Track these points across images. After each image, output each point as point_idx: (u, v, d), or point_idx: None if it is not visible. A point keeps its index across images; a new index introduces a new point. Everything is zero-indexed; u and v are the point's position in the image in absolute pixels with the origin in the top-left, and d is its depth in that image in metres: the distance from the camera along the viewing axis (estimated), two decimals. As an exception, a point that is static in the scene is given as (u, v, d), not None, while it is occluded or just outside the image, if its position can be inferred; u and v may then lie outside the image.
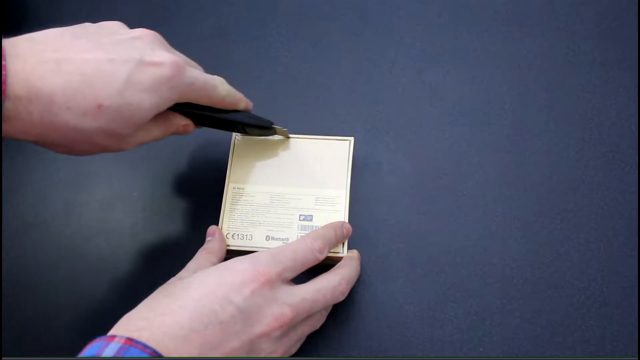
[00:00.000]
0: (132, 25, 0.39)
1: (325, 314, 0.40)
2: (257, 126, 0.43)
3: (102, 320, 0.33)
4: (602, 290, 0.42)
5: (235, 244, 0.43)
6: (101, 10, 0.56)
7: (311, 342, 0.41)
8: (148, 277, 0.45)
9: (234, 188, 0.44)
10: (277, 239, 0.42)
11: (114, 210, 0.48)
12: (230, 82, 0.42)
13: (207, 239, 0.42)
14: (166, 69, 0.35)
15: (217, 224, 0.44)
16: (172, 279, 0.37)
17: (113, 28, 0.37)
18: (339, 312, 0.43)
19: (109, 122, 0.34)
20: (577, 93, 0.49)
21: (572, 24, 0.51)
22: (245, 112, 0.43)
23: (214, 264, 0.39)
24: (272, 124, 0.44)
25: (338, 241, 0.41)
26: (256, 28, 0.54)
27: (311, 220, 0.43)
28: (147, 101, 0.35)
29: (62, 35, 0.34)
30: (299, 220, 0.43)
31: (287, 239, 0.42)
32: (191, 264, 0.39)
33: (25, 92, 0.31)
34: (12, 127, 0.32)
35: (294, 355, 0.39)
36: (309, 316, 0.38)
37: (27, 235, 0.47)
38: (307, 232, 0.42)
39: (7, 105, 0.31)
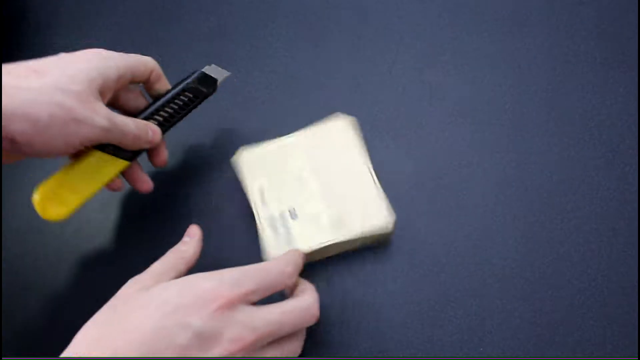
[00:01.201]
0: (132, 24, 0.39)
1: (298, 343, 0.36)
2: (197, 81, 0.43)
3: (102, 320, 0.33)
4: (602, 290, 0.42)
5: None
6: (101, 10, 0.56)
7: (311, 342, 0.41)
8: (148, 277, 0.45)
9: (259, 203, 0.43)
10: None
11: (114, 210, 0.48)
12: (231, 81, 0.42)
13: (185, 239, 0.39)
14: (91, 50, 0.38)
15: (217, 224, 0.43)
16: (133, 284, 0.35)
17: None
18: (339, 312, 0.43)
19: (56, 78, 0.34)
20: (577, 93, 0.49)
21: (572, 24, 0.51)
22: (176, 85, 0.43)
23: (180, 274, 0.37)
24: (200, 70, 0.44)
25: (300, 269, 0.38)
26: (256, 28, 0.54)
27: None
28: (83, 61, 0.37)
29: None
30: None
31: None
32: (157, 267, 0.36)
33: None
34: None
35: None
36: (280, 341, 0.35)
37: (27, 235, 0.47)
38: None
39: None
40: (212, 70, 0.44)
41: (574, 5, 0.52)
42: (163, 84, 0.43)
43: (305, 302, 0.35)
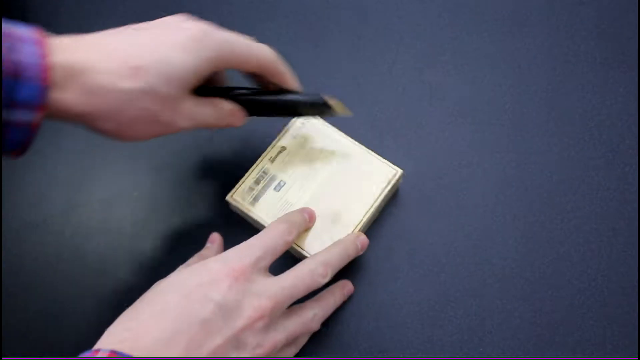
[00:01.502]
0: (132, 24, 0.39)
1: (320, 314, 0.39)
2: (310, 103, 0.41)
3: (102, 320, 0.33)
4: (602, 290, 0.42)
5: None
6: (101, 10, 0.56)
7: (311, 342, 0.41)
8: (148, 278, 0.45)
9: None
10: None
11: (114, 210, 0.48)
12: (231, 81, 0.42)
13: (207, 244, 0.43)
14: (192, 30, 0.37)
15: (218, 224, 0.44)
16: (156, 284, 0.37)
17: (164, 20, 0.39)
18: (339, 312, 0.43)
19: (149, 81, 0.35)
20: (577, 93, 0.49)
21: (572, 24, 0.51)
22: (295, 92, 0.41)
23: None
24: (323, 97, 0.41)
25: (301, 225, 0.41)
26: (256, 28, 0.54)
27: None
28: (181, 57, 0.36)
29: (108, 31, 0.36)
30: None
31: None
32: (181, 269, 0.39)
33: (73, 64, 0.33)
34: (63, 97, 0.33)
35: (295, 356, 0.39)
36: (297, 313, 0.38)
37: (27, 235, 0.47)
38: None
39: (59, 77, 0.32)
40: (337, 105, 0.42)
41: (574, 5, 0.52)
42: (282, 80, 0.41)
43: (311, 264, 0.38)
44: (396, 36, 0.53)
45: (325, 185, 0.44)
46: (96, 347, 0.31)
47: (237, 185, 0.44)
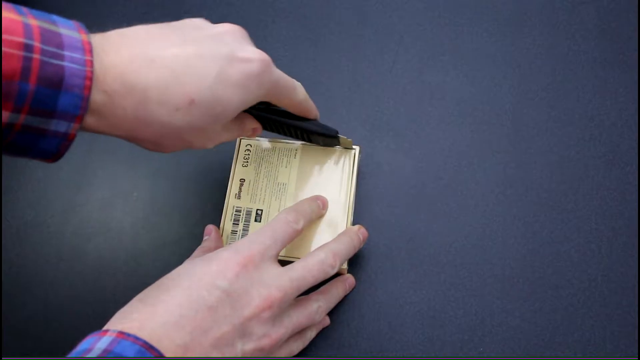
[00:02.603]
0: (132, 24, 0.39)
1: (324, 306, 0.40)
2: (324, 135, 0.43)
3: (102, 320, 0.33)
4: (602, 290, 0.42)
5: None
6: (101, 10, 0.56)
7: (311, 342, 0.41)
8: (148, 277, 0.45)
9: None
10: None
11: (114, 210, 0.48)
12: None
13: (204, 237, 0.43)
14: (255, 65, 0.35)
15: (218, 224, 0.44)
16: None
17: (198, 24, 0.36)
18: (339, 312, 0.43)
19: (200, 118, 0.34)
20: (577, 93, 0.49)
21: (572, 24, 0.51)
22: (313, 120, 0.42)
23: None
24: (338, 133, 0.43)
25: (314, 213, 0.41)
26: (256, 28, 0.54)
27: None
28: (237, 97, 0.35)
29: (150, 31, 0.34)
30: None
31: None
32: (186, 262, 0.40)
33: (120, 87, 0.31)
34: (105, 122, 0.32)
35: (294, 356, 0.39)
36: (302, 304, 0.38)
37: (27, 235, 0.47)
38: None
39: (102, 99, 0.31)
40: (344, 140, 0.44)
41: (574, 5, 0.52)
42: (306, 115, 0.42)
43: (321, 255, 0.38)
44: (396, 36, 0.53)
45: (299, 193, 0.44)
46: (105, 327, 0.32)
47: (222, 235, 0.44)
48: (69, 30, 0.30)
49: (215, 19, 0.55)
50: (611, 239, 0.44)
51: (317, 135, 0.43)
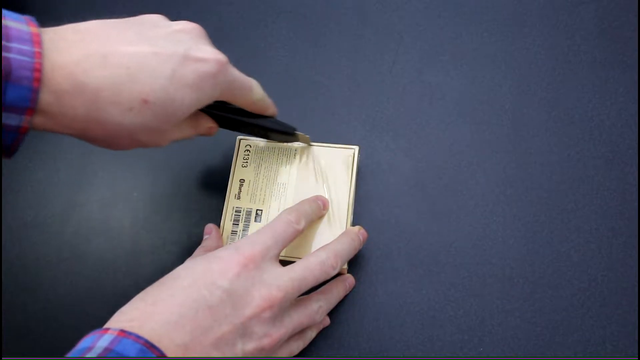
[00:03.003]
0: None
1: (324, 306, 0.40)
2: (281, 132, 0.43)
3: (102, 320, 0.33)
4: (602, 290, 0.42)
5: None
6: (101, 10, 0.56)
7: (311, 342, 0.41)
8: (148, 278, 0.45)
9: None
10: None
11: (114, 210, 0.48)
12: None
13: (205, 237, 0.43)
14: (210, 65, 0.35)
15: (218, 224, 0.44)
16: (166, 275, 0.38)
17: (155, 20, 0.36)
18: (339, 312, 0.43)
19: (153, 118, 0.34)
20: (577, 93, 0.49)
21: (572, 24, 0.51)
22: (270, 117, 0.43)
23: None
24: (296, 130, 0.44)
25: (314, 213, 0.41)
26: (256, 28, 0.54)
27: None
28: (190, 97, 0.34)
29: (106, 27, 0.34)
30: None
31: None
32: (188, 261, 0.40)
33: (70, 87, 0.31)
34: (55, 121, 0.32)
35: (294, 356, 0.39)
36: (303, 304, 0.38)
37: (27, 235, 0.47)
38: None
39: (50, 99, 0.30)
40: (302, 137, 0.44)
41: (574, 5, 0.52)
42: (264, 112, 0.42)
43: (322, 255, 0.38)
44: (396, 36, 0.53)
45: (299, 193, 0.44)
46: (106, 326, 0.32)
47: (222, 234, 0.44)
48: (17, 23, 0.30)
49: (215, 19, 0.55)
50: (611, 239, 0.44)
51: (274, 133, 0.43)
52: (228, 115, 0.41)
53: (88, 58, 0.31)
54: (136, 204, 0.48)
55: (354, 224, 0.44)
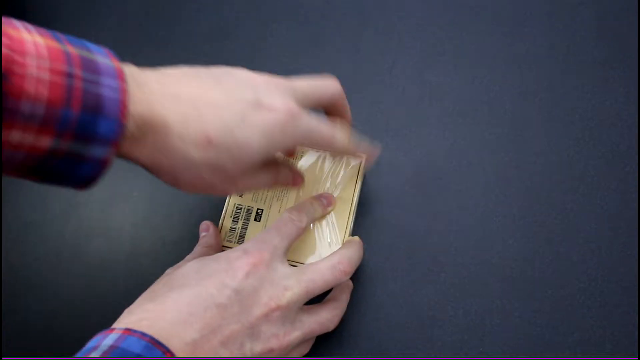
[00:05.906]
0: (132, 24, 0.39)
1: (335, 312, 0.39)
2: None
3: (102, 320, 0.33)
4: (602, 290, 0.42)
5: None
6: (101, 10, 0.56)
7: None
8: (148, 277, 0.45)
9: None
10: None
11: (114, 210, 0.48)
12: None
13: (202, 234, 0.43)
14: (279, 114, 0.35)
15: (218, 224, 0.44)
16: (169, 269, 0.38)
17: (235, 70, 0.37)
18: (339, 312, 0.43)
19: (217, 157, 0.34)
20: (577, 93, 0.49)
21: (572, 24, 0.51)
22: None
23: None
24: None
25: (317, 211, 0.42)
26: (256, 28, 0.54)
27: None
28: (257, 143, 0.34)
29: (187, 71, 0.35)
30: None
31: None
32: (189, 257, 0.40)
33: (147, 117, 0.32)
34: (133, 148, 0.32)
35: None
36: (316, 311, 0.38)
37: (27, 235, 0.47)
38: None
39: (133, 128, 0.31)
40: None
41: (574, 5, 0.52)
42: (352, 154, 0.41)
43: (334, 259, 0.38)
44: (396, 36, 0.53)
45: (301, 196, 0.44)
46: (113, 326, 0.32)
47: (220, 231, 0.44)
48: (102, 57, 0.31)
49: (215, 19, 0.55)
50: (611, 239, 0.44)
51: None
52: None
53: (164, 93, 0.32)
54: (136, 204, 0.48)
55: (354, 224, 0.44)
